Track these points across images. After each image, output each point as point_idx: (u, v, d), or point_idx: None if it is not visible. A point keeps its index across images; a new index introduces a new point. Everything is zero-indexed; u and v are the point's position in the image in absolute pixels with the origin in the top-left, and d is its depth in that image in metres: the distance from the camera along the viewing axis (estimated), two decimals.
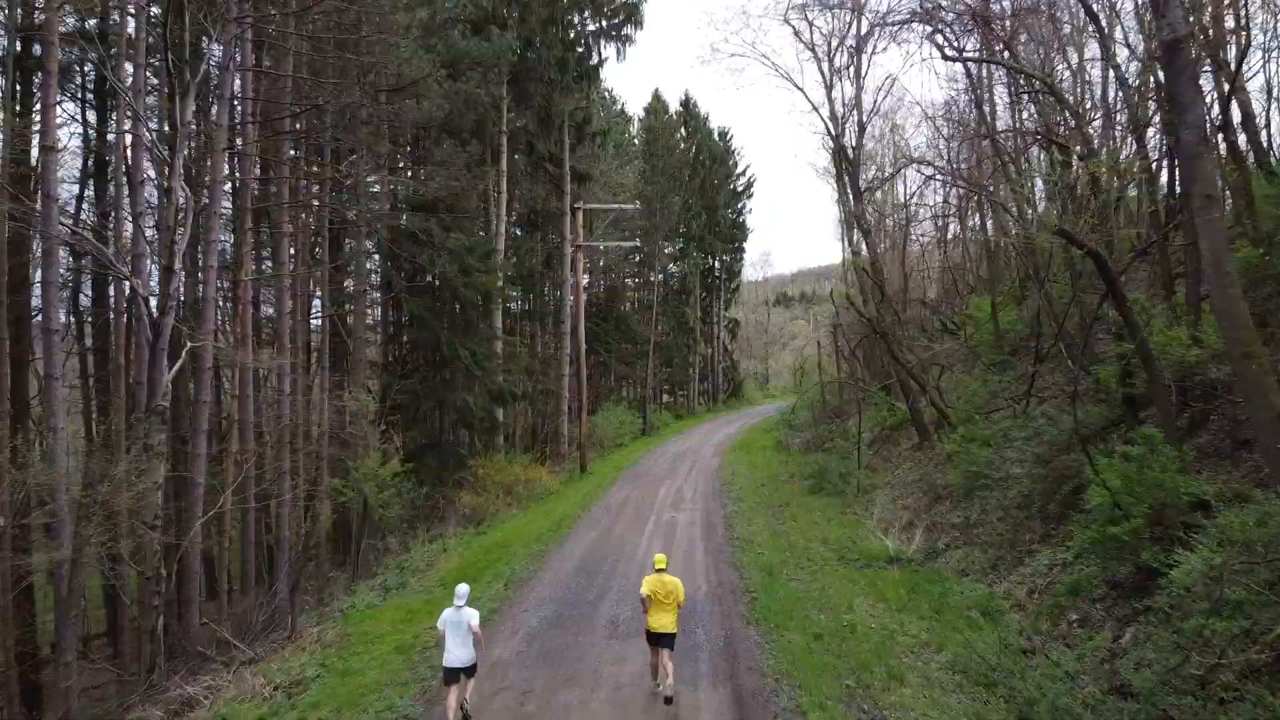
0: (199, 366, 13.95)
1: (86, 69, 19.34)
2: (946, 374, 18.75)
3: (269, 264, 20.75)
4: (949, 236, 33.00)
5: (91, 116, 19.97)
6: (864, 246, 18.62)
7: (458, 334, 20.05)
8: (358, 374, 20.05)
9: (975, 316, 24.00)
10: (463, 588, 7.53)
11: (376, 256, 22.43)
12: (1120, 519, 8.76)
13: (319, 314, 20.30)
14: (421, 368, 20.51)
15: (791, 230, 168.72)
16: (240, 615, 13.97)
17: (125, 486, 9.38)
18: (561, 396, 27.25)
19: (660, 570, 7.63)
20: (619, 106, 45.67)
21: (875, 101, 20.34)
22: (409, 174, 21.84)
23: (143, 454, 12.35)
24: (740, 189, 55.57)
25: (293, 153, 17.33)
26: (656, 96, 44.86)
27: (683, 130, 48.44)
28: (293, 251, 20.05)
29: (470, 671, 7.24)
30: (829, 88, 18.28)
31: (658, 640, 7.41)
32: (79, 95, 20.27)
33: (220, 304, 18.28)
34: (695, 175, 47.19)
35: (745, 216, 56.21)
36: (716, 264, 54.09)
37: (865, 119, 18.46)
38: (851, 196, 18.69)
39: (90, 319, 20.97)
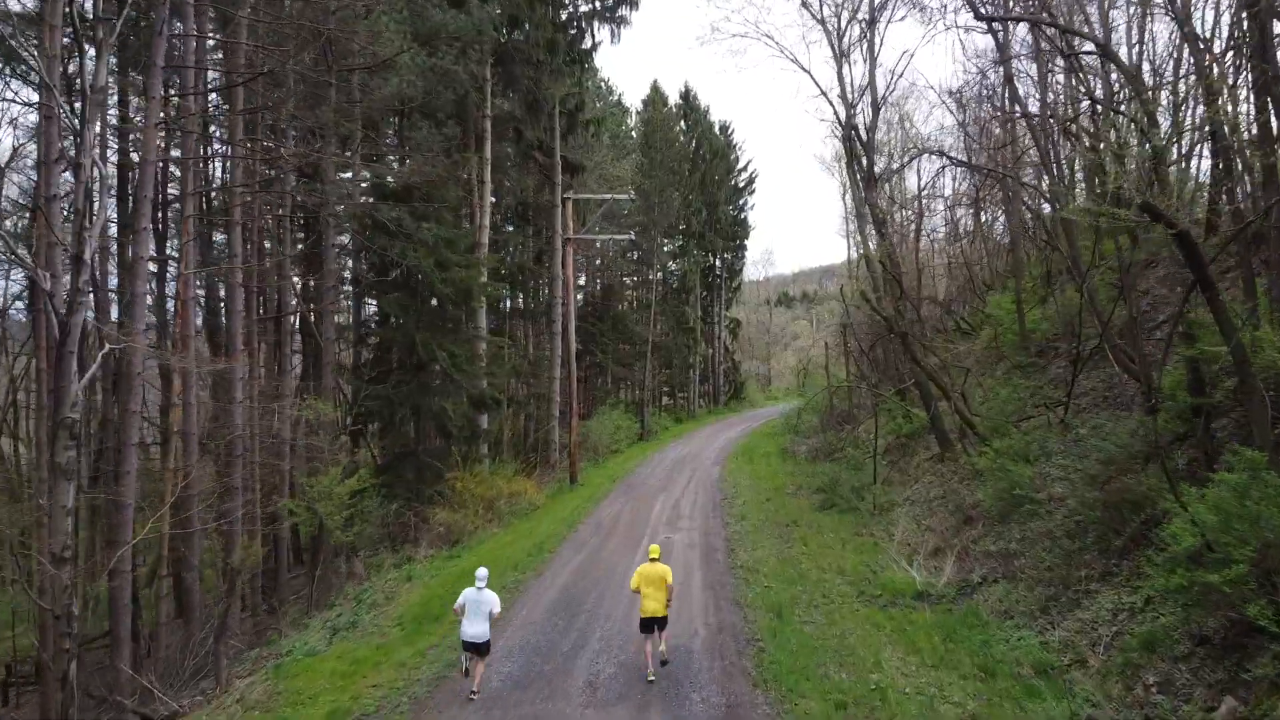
0: (128, 372, 12.30)
1: None
2: (968, 378, 17.02)
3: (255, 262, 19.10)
4: (962, 230, 31.33)
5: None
6: (877, 238, 16.92)
7: (435, 334, 18.37)
8: (327, 378, 18.40)
9: (995, 315, 22.31)
10: (482, 570, 8.36)
11: (352, 250, 20.77)
12: (1217, 563, 7.09)
13: (284, 312, 18.60)
14: (395, 371, 18.82)
15: (793, 230, 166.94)
16: (173, 656, 12.30)
17: None
18: (553, 401, 25.58)
19: (654, 560, 8.35)
20: (615, 97, 44.05)
21: (890, 80, 18.56)
22: (392, 160, 20.14)
23: (51, 474, 10.73)
24: (742, 185, 53.93)
25: (246, 139, 15.67)
26: (655, 88, 43.20)
27: (682, 123, 46.80)
28: (272, 245, 18.47)
29: (483, 650, 7.94)
30: (840, 64, 16.61)
31: (649, 626, 8.09)
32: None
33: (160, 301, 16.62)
34: (695, 170, 45.54)
35: (747, 213, 54.65)
36: (717, 262, 52.46)
37: (880, 98, 16.80)
38: (864, 184, 16.99)
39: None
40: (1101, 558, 9.61)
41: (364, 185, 19.08)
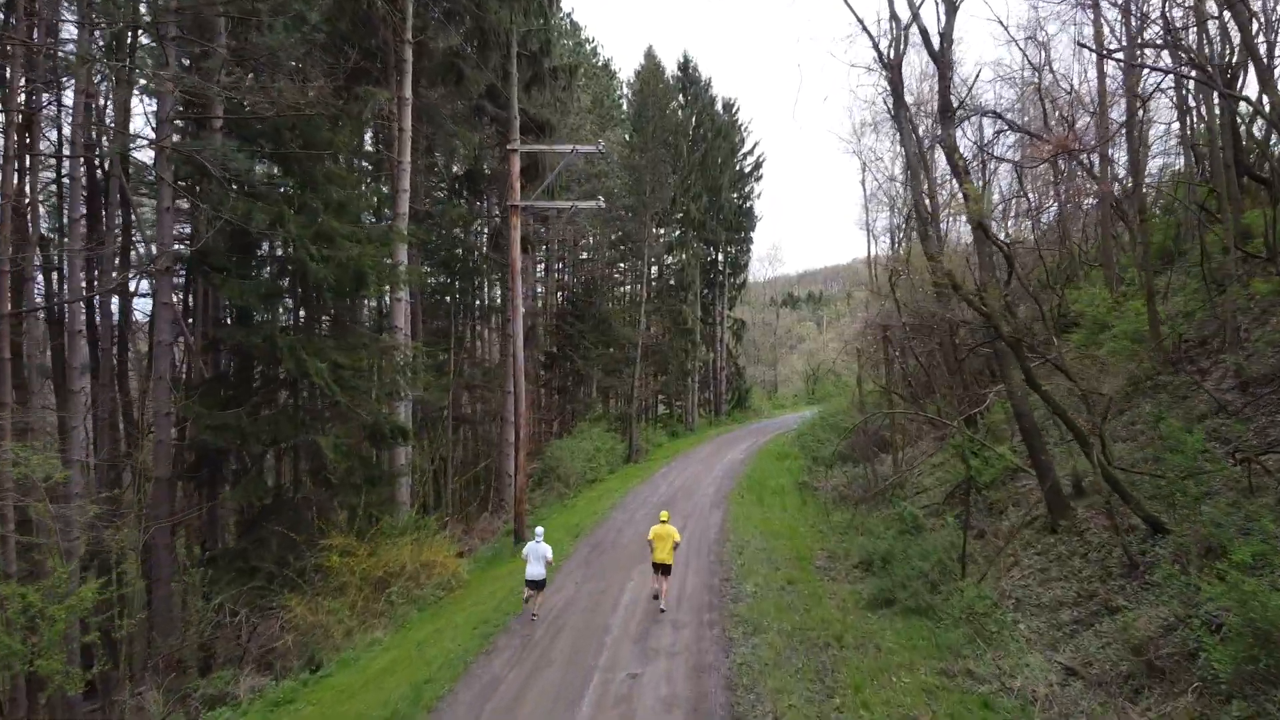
0: None
1: None
2: (1109, 410, 11.29)
3: None
4: (1016, 210, 25.66)
5: None
6: (960, 197, 11.14)
7: (311, 337, 12.83)
8: (160, 400, 12.84)
9: (1089, 313, 16.65)
10: (539, 529, 11.02)
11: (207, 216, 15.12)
12: None
13: (59, 301, 13.07)
14: (257, 390, 13.26)
15: (797, 230, 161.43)
16: None
17: None
18: (508, 422, 19.97)
19: (664, 522, 10.97)
20: (601, 61, 38.40)
21: None
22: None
23: None
24: (748, 169, 48.32)
25: None
26: (649, 54, 37.46)
27: (680, 98, 41.20)
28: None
29: (541, 585, 10.63)
30: None
31: (659, 569, 10.76)
32: None
33: None
34: (695, 149, 39.96)
35: (753, 201, 49.02)
36: (720, 256, 46.86)
37: None
38: (939, 114, 11.39)
39: None
40: None
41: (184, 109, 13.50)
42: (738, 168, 47.22)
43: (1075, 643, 8.65)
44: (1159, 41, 13.30)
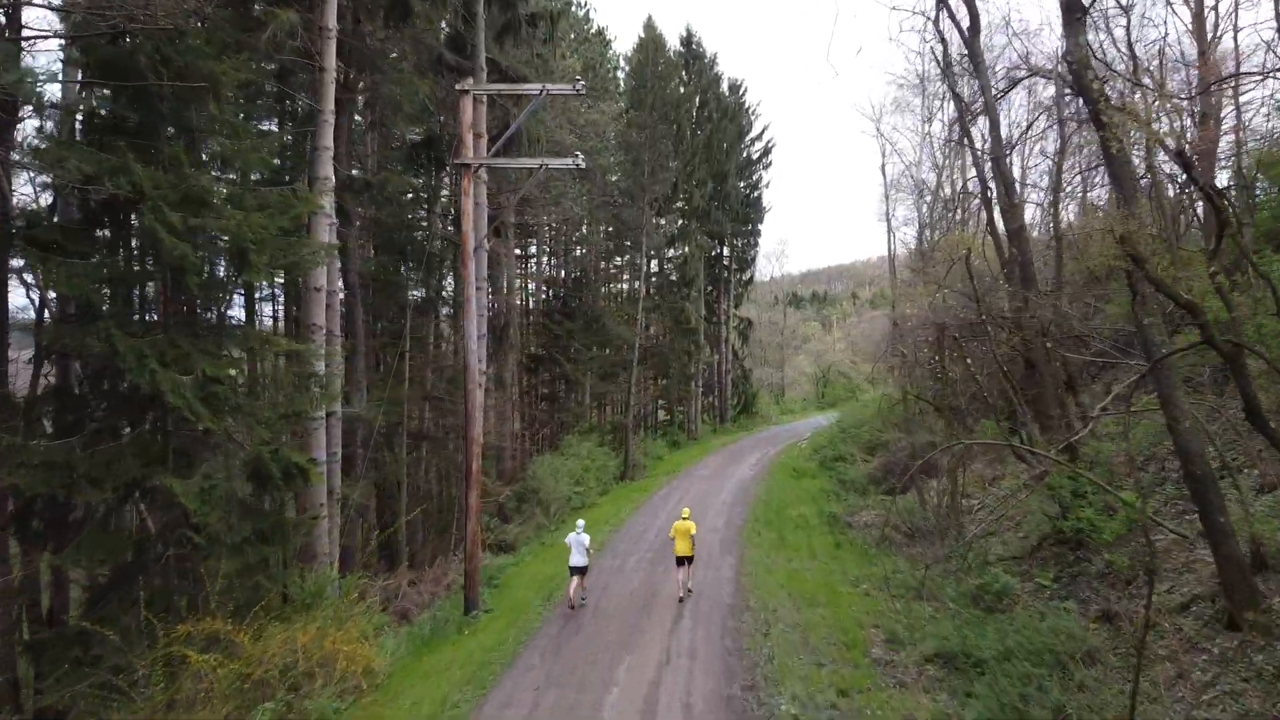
0: None
1: None
2: None
3: None
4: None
5: None
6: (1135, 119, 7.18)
7: (177, 339, 9.23)
8: None
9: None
10: (580, 521, 11.76)
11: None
12: None
13: None
14: (101, 414, 9.69)
15: (799, 230, 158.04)
16: None
17: None
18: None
19: (685, 518, 11.73)
20: (595, 28, 34.70)
21: None
22: None
23: None
24: (756, 156, 44.68)
25: None
26: (649, 25, 33.83)
27: (683, 74, 37.60)
28: None
29: (583, 571, 11.46)
30: None
31: (680, 561, 11.65)
32: None
33: None
34: (699, 131, 36.39)
35: (761, 191, 45.34)
36: (725, 250, 43.21)
37: None
38: (1063, 14, 7.63)
39: None
40: None
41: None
42: (745, 154, 43.64)
43: None
44: None
